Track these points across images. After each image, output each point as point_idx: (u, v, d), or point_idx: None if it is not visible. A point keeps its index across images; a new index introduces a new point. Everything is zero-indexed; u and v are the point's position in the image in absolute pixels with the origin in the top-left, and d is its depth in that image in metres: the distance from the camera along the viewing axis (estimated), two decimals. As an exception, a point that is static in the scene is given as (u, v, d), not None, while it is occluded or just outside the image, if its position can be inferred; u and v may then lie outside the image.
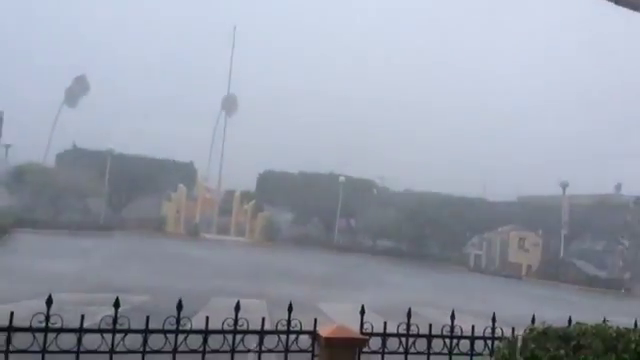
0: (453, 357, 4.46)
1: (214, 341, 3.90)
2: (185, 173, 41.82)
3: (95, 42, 64.16)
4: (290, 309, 4.09)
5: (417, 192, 40.91)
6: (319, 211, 41.22)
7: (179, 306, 3.80)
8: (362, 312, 4.26)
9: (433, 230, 36.94)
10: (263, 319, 4.02)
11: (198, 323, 4.04)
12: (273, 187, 41.45)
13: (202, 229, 37.92)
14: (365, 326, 4.24)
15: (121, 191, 38.83)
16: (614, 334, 3.42)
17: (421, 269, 29.77)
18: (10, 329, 3.51)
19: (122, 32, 68.43)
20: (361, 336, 4.08)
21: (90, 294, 11.44)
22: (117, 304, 3.73)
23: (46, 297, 3.62)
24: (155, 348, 3.76)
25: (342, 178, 38.75)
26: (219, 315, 4.13)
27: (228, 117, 47.64)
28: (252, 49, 55.20)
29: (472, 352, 4.50)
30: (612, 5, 3.64)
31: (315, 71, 69.40)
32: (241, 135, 48.94)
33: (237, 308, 3.97)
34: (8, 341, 3.51)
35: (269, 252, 31.76)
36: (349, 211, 40.70)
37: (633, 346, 3.29)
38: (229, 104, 47.90)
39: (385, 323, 4.29)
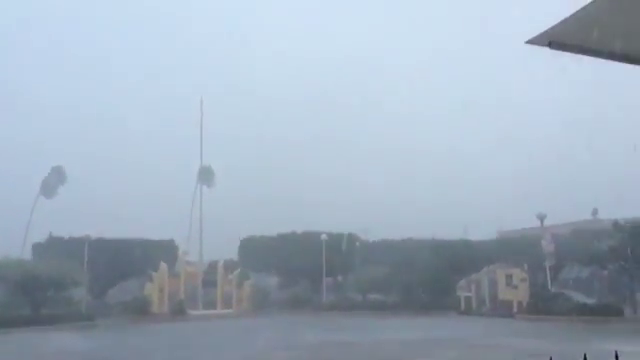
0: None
1: None
2: (166, 251, 41.22)
3: (68, 131, 64.57)
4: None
5: (398, 240, 40.97)
6: (304, 272, 40.83)
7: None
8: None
9: (420, 277, 36.74)
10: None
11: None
12: (255, 253, 41.16)
13: (188, 305, 37.11)
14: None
15: (101, 277, 37.99)
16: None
17: (412, 319, 29.52)
18: None
19: (91, 116, 69.05)
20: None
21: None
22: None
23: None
24: None
25: (324, 235, 38.58)
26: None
27: (207, 188, 47.59)
28: (220, 120, 55.99)
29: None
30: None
31: (283, 134, 70.43)
32: (219, 205, 48.93)
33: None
34: None
35: (258, 322, 31.24)
36: (334, 268, 40.43)
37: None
38: (205, 176, 47.94)
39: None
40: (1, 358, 18.56)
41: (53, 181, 48.27)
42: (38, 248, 39.80)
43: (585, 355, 3.17)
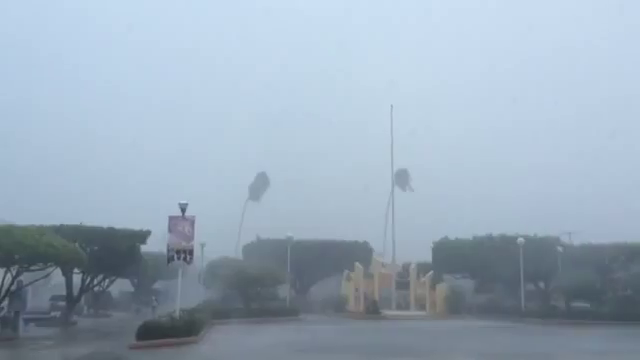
0: None
1: None
2: (361, 251, 42.80)
3: (268, 139, 70.11)
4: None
5: (608, 245, 37.10)
6: (501, 276, 38.99)
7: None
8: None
9: (635, 285, 32.92)
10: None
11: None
12: (449, 255, 40.41)
13: (382, 306, 37.90)
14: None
15: (303, 275, 40.81)
16: None
17: (627, 332, 26.42)
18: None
19: (286, 123, 73.91)
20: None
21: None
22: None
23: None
24: None
25: (521, 239, 36.42)
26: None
27: (402, 191, 48.28)
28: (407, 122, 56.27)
29: None
30: None
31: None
32: (413, 208, 49.19)
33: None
34: None
35: (452, 325, 30.61)
36: (534, 273, 38.00)
37: None
38: (401, 178, 48.57)
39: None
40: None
41: (258, 186, 52.91)
42: (248, 249, 43.97)
43: None
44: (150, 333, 19.64)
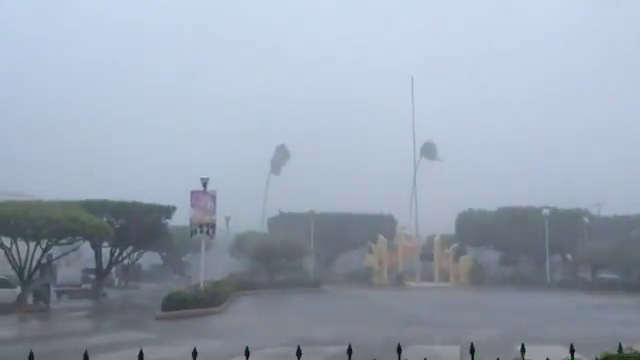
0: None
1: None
2: (385, 224, 42.80)
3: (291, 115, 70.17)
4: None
5: (634, 215, 36.45)
6: (526, 248, 38.78)
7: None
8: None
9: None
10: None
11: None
12: (473, 227, 40.25)
13: (406, 277, 38.12)
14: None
15: (327, 248, 41.09)
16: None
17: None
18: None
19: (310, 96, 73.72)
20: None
21: (291, 347, 12.40)
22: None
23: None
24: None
25: (546, 211, 36.04)
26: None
27: (430, 163, 47.90)
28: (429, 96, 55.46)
29: None
30: None
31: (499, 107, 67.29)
32: (438, 178, 48.79)
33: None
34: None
35: (474, 296, 30.63)
36: (560, 245, 37.60)
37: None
38: (429, 150, 48.08)
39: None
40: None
41: (279, 159, 52.73)
42: (272, 222, 44.31)
43: None
44: (175, 304, 20.33)
